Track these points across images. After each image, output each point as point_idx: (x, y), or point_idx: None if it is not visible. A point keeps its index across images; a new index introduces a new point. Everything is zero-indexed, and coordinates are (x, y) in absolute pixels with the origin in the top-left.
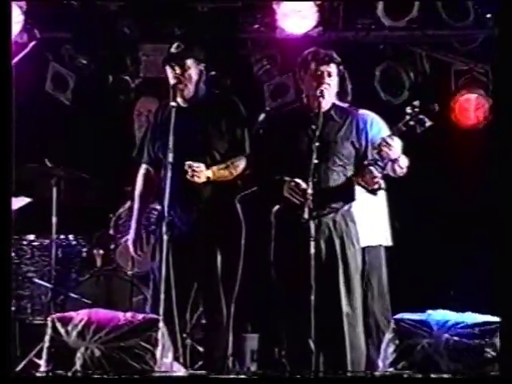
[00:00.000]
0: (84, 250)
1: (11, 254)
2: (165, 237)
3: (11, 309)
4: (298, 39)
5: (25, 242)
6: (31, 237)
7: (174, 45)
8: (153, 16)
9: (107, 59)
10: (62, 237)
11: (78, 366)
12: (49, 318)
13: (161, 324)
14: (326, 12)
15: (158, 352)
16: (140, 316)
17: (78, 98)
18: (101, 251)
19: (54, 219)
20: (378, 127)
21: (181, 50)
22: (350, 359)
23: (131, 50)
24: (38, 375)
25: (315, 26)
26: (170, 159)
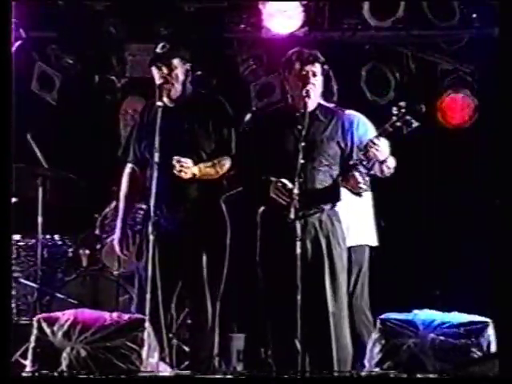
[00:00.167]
0: (70, 250)
1: (11, 255)
2: (151, 237)
3: (11, 309)
4: (283, 39)
5: None
6: (17, 237)
7: (160, 45)
8: (139, 16)
9: (93, 59)
10: (48, 237)
11: (63, 366)
12: (35, 318)
13: (147, 324)
14: (312, 12)
15: (144, 352)
16: (126, 316)
17: (64, 97)
18: (87, 251)
19: (39, 219)
20: (364, 128)
21: (167, 49)
22: (336, 359)
23: (117, 49)
24: (38, 375)
25: (301, 26)
26: (157, 159)
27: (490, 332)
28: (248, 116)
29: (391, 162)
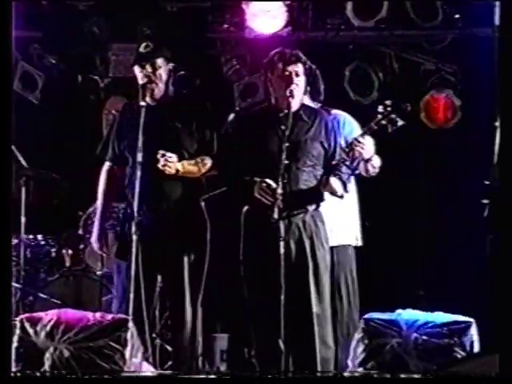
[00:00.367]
0: (53, 250)
1: (11, 255)
2: (134, 237)
3: (11, 309)
4: (267, 39)
5: None
6: None
7: (144, 44)
8: (122, 16)
9: (76, 59)
10: (31, 237)
11: (46, 366)
12: (17, 319)
13: (130, 324)
14: (295, 12)
15: (128, 352)
16: (109, 316)
17: (46, 97)
18: (70, 251)
19: (22, 219)
20: (350, 127)
21: (151, 49)
22: (319, 359)
23: (100, 49)
24: (38, 375)
25: (284, 26)
26: (140, 158)
27: (473, 332)
28: (231, 116)
29: (376, 161)
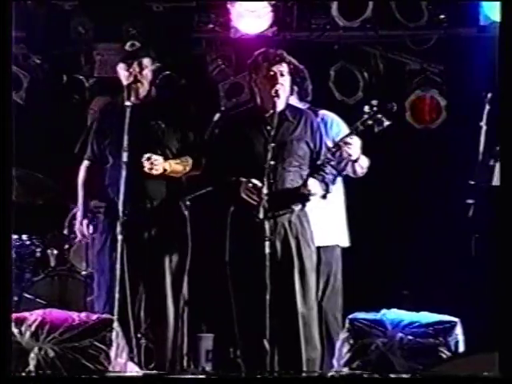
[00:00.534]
0: (38, 250)
1: (11, 255)
2: (119, 236)
3: (11, 309)
4: (252, 39)
5: None
6: None
7: (130, 43)
8: (107, 15)
9: (61, 59)
10: (16, 237)
11: (31, 366)
12: None
13: (115, 324)
14: (281, 12)
15: (113, 352)
16: (94, 316)
17: (31, 97)
18: (55, 251)
19: None
20: (338, 128)
21: (137, 48)
22: (305, 359)
23: (86, 49)
24: (38, 375)
25: (270, 26)
26: (125, 158)
27: (458, 331)
28: (217, 116)
29: (364, 162)
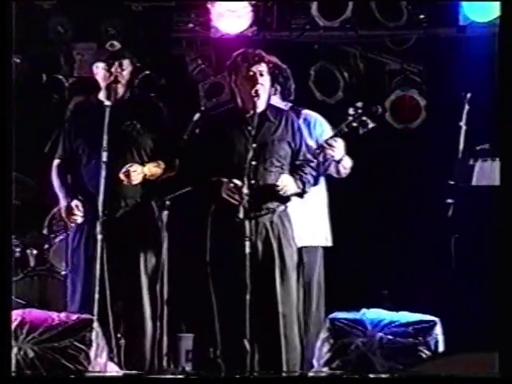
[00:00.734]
0: (17, 250)
1: (11, 255)
2: (99, 236)
3: (11, 309)
4: (232, 39)
5: None
6: None
7: (110, 43)
8: (87, 15)
9: (41, 58)
10: None
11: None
12: None
13: (95, 324)
14: (261, 12)
15: (92, 352)
16: (74, 316)
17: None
18: (34, 251)
19: None
20: (321, 128)
21: (118, 48)
22: (285, 359)
23: (65, 49)
24: (39, 375)
25: (250, 25)
26: (105, 158)
27: (438, 331)
28: (197, 116)
29: (347, 162)
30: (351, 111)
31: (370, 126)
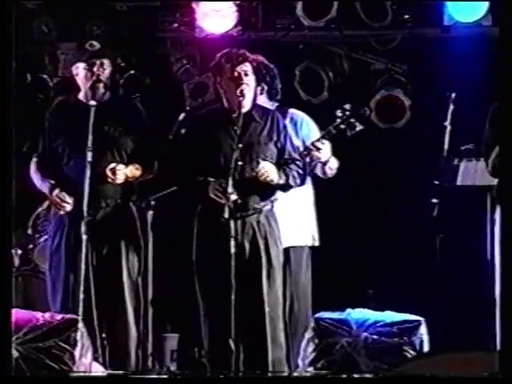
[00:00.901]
0: None
1: (11, 255)
2: (84, 236)
3: (11, 310)
4: (217, 39)
5: None
6: None
7: (90, 43)
8: (71, 15)
9: (25, 58)
10: None
11: None
12: None
13: (80, 324)
14: (246, 12)
15: (77, 352)
16: (59, 316)
17: None
18: (19, 251)
19: None
20: (307, 128)
21: (97, 48)
22: (271, 359)
23: (49, 48)
24: (40, 376)
25: (234, 25)
26: (89, 158)
27: (423, 331)
28: (182, 115)
29: (333, 163)
30: (339, 113)
31: (358, 128)
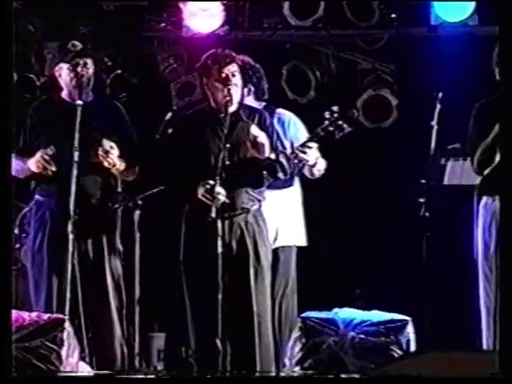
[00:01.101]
0: None
1: (11, 255)
2: (70, 236)
3: (11, 310)
4: (204, 38)
5: None
6: None
7: (72, 43)
8: (58, 14)
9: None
10: None
11: None
12: None
13: (66, 324)
14: (233, 11)
15: (64, 352)
16: (45, 316)
17: None
18: None
19: None
20: (295, 128)
21: (80, 48)
22: (258, 358)
23: (36, 48)
24: (39, 376)
25: (221, 25)
26: (76, 158)
27: (410, 330)
28: (169, 115)
29: (321, 165)
30: (327, 115)
31: (346, 130)
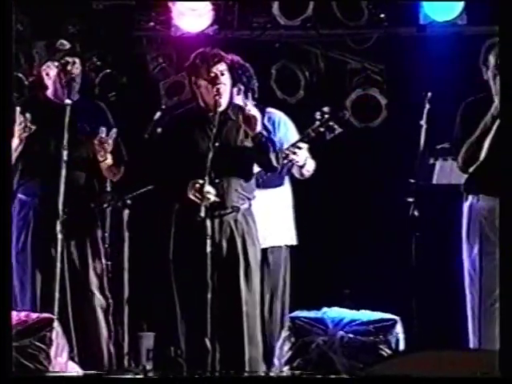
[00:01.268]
0: None
1: (11, 255)
2: (59, 235)
3: (11, 310)
4: (193, 37)
5: None
6: None
7: (60, 42)
8: (47, 13)
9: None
10: None
11: None
12: None
13: (55, 323)
14: (222, 11)
15: (53, 351)
16: (34, 315)
17: None
18: None
19: None
20: (285, 127)
21: (68, 47)
22: (248, 358)
23: (25, 47)
24: (38, 376)
25: (211, 24)
26: (65, 157)
27: (398, 329)
28: (158, 114)
29: (310, 165)
30: (318, 116)
31: (337, 131)
